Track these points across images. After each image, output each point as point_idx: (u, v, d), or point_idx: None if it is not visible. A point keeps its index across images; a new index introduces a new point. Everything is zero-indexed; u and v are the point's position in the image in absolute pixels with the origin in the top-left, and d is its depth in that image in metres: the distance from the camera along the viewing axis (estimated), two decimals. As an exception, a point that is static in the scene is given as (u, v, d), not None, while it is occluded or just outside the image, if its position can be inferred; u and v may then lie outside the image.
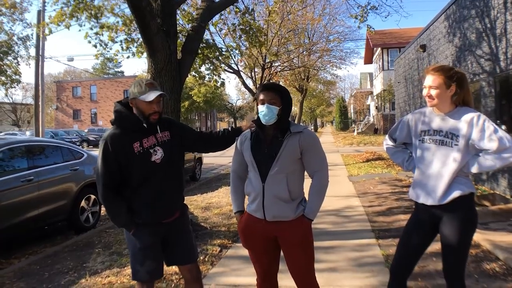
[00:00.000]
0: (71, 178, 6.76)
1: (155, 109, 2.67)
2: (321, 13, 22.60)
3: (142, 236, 2.71)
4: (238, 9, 9.43)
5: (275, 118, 2.56)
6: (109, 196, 2.69)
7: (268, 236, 2.63)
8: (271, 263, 2.76)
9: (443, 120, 2.64)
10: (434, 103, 2.64)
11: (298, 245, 2.59)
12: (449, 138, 2.59)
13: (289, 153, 2.53)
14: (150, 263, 2.71)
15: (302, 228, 2.58)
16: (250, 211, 2.68)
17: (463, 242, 2.61)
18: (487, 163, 2.50)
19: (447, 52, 11.24)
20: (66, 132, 37.64)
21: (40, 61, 17.86)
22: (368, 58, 42.28)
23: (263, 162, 2.57)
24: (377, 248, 5.06)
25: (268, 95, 2.56)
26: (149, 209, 2.69)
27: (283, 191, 2.53)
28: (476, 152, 2.57)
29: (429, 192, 2.64)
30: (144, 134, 2.70)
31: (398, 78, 19.03)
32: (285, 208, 2.55)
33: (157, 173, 2.71)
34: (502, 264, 4.34)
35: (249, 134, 2.72)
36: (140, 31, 5.45)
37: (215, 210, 7.68)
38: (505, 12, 7.64)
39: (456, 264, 2.65)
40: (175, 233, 2.84)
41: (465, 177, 2.62)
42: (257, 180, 2.59)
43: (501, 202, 6.96)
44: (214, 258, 4.90)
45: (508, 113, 8.30)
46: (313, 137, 2.65)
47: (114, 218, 2.75)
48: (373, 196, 8.55)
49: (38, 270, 4.83)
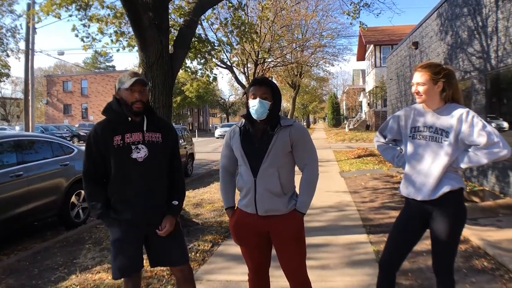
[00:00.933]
0: (61, 173, 6.70)
1: (137, 97, 2.59)
2: (314, 9, 22.64)
3: (116, 231, 2.65)
4: (230, 3, 9.40)
5: (267, 113, 2.55)
6: (89, 184, 2.68)
7: (260, 231, 2.62)
8: (262, 259, 2.75)
9: (433, 116, 2.67)
10: (423, 99, 2.67)
11: (290, 240, 2.58)
12: (439, 134, 2.62)
13: (280, 146, 2.52)
14: (121, 258, 2.63)
15: (295, 222, 2.57)
16: (241, 206, 2.66)
17: (453, 237, 2.66)
18: (476, 158, 2.53)
19: (439, 49, 11.30)
20: (57, 127, 37.35)
21: (30, 55, 17.62)
22: (361, 55, 42.44)
23: (254, 157, 2.55)
24: (369, 243, 5.09)
25: (260, 90, 2.55)
26: (128, 208, 2.62)
27: (275, 185, 2.52)
28: (465, 147, 2.60)
29: (419, 188, 2.67)
30: (129, 129, 2.63)
31: (390, 75, 19.10)
32: (277, 202, 2.54)
33: (138, 171, 2.62)
34: (490, 259, 4.39)
35: (238, 129, 2.69)
36: (131, 24, 5.41)
37: (207, 206, 7.67)
38: (497, 11, 7.70)
39: (446, 258, 2.69)
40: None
41: (454, 173, 2.65)
42: (248, 174, 2.57)
43: (490, 198, 7.03)
44: (205, 254, 4.89)
45: (498, 110, 8.38)
46: (303, 130, 2.65)
47: (92, 207, 2.70)
48: (365, 192, 8.59)
49: (28, 266, 4.78)
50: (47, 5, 7.27)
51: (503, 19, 7.46)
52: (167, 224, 2.69)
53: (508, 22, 7.28)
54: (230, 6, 9.38)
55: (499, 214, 6.16)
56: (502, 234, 5.16)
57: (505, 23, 7.37)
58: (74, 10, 7.51)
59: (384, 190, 8.62)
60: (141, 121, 2.68)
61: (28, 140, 6.57)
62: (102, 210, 2.64)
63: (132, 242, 2.67)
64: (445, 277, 2.71)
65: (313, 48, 24.26)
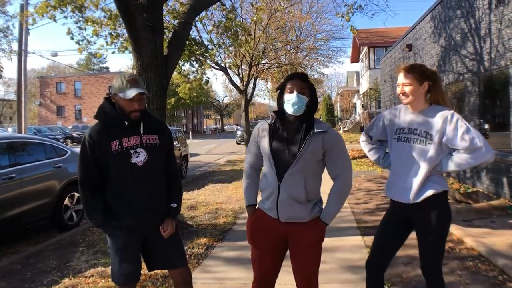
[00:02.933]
0: (54, 175, 6.64)
1: (136, 107, 2.52)
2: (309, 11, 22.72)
3: (119, 238, 2.59)
4: (224, 6, 9.40)
5: (304, 109, 2.40)
6: (86, 193, 2.62)
7: (278, 236, 2.51)
8: (272, 266, 2.61)
9: (418, 118, 2.66)
10: (409, 100, 2.66)
11: (309, 248, 2.48)
12: (423, 136, 2.62)
13: (310, 153, 2.37)
14: (126, 265, 2.59)
15: (317, 231, 2.48)
16: (263, 208, 2.54)
17: (439, 239, 2.66)
18: (458, 162, 2.54)
19: (432, 51, 11.36)
20: (50, 128, 37.19)
21: (23, 56, 17.49)
22: (355, 57, 42.56)
23: (281, 160, 2.40)
24: (363, 245, 5.09)
25: (298, 84, 2.40)
26: (128, 212, 2.56)
27: (299, 192, 2.39)
28: (449, 151, 2.60)
29: (403, 190, 2.67)
30: (126, 133, 2.56)
31: (384, 76, 19.16)
32: (301, 210, 2.42)
33: (138, 175, 2.56)
34: (484, 261, 4.41)
35: (268, 126, 2.50)
36: (125, 26, 5.40)
37: (201, 208, 7.65)
38: (490, 13, 7.75)
39: (433, 260, 2.69)
40: (162, 237, 2.68)
41: (438, 176, 2.65)
42: (272, 177, 2.43)
43: (484, 200, 7.07)
44: (200, 257, 4.87)
45: (491, 112, 8.43)
46: (337, 138, 2.47)
47: (90, 217, 2.64)
48: (359, 193, 8.62)
49: (20, 269, 4.74)
50: (42, 7, 7.24)
51: (496, 22, 7.51)
52: (169, 226, 2.67)
53: (501, 24, 7.33)
54: (223, 9, 9.38)
55: (493, 215, 6.19)
56: (496, 235, 5.19)
57: (498, 25, 7.42)
58: (69, 12, 7.48)
59: (378, 191, 8.64)
60: (137, 124, 2.60)
61: (20, 142, 6.50)
62: (102, 219, 2.58)
63: (134, 248, 2.64)
64: (433, 279, 2.71)
65: (307, 50, 24.36)
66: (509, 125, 7.20)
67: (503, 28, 7.25)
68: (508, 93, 7.14)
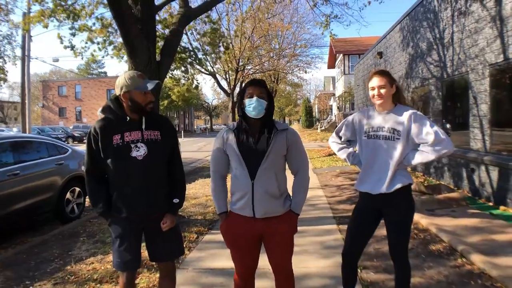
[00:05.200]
0: (56, 172, 6.54)
1: (151, 98, 2.53)
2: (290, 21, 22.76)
3: (118, 227, 2.55)
4: (209, 18, 9.33)
5: (264, 112, 2.41)
6: (91, 183, 2.58)
7: (253, 233, 2.46)
8: (252, 262, 2.58)
9: (386, 117, 2.71)
10: (383, 101, 2.70)
11: (284, 240, 2.48)
12: (391, 133, 2.66)
13: (277, 149, 2.40)
14: (125, 254, 2.53)
15: (290, 222, 2.48)
16: (235, 209, 2.48)
17: (405, 226, 2.72)
18: (424, 155, 2.59)
19: (401, 59, 11.49)
20: (52, 128, 36.61)
21: (26, 61, 17.30)
22: (331, 63, 42.82)
23: (251, 159, 2.38)
24: (338, 233, 5.14)
25: (257, 90, 2.41)
26: (127, 205, 2.50)
27: (273, 187, 2.39)
28: (414, 146, 2.65)
29: (375, 183, 2.71)
30: (128, 128, 2.50)
31: (358, 81, 19.31)
32: (276, 204, 2.42)
33: (138, 169, 2.48)
34: (446, 246, 4.50)
35: (232, 132, 2.47)
36: (121, 34, 5.34)
37: (192, 200, 7.62)
38: (452, 24, 7.87)
39: (400, 245, 2.74)
40: (155, 230, 2.61)
41: (405, 170, 2.72)
42: (245, 177, 2.38)
43: (445, 191, 7.19)
44: (191, 244, 4.86)
45: (453, 113, 8.57)
46: (296, 135, 2.54)
47: (94, 206, 2.59)
48: (335, 187, 8.67)
49: (25, 259, 4.66)
50: (37, 16, 7.14)
51: (458, 32, 7.63)
52: (168, 220, 2.60)
53: (462, 34, 7.45)
54: (209, 20, 9.31)
55: (453, 205, 6.30)
56: (456, 223, 5.29)
57: (460, 35, 7.54)
58: (64, 19, 7.37)
59: (351, 185, 8.69)
60: (139, 120, 2.56)
61: (24, 141, 6.39)
62: (104, 209, 2.54)
63: (132, 238, 2.58)
64: (401, 262, 2.76)
65: (289, 57, 24.41)
66: (468, 125, 7.33)
67: (464, 38, 7.37)
68: (468, 96, 7.27)
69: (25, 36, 16.67)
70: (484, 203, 6.50)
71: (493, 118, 6.56)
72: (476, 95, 6.95)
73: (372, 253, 4.33)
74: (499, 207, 6.05)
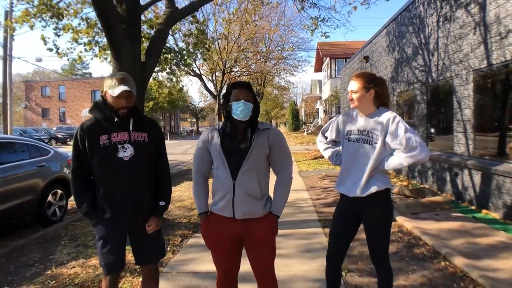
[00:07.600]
0: (37, 174, 6.43)
1: (123, 104, 2.45)
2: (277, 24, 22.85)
3: (102, 228, 2.52)
4: (195, 19, 9.31)
5: (250, 115, 2.41)
6: (76, 183, 2.55)
7: (234, 235, 2.44)
8: (233, 264, 2.56)
9: (366, 120, 2.72)
10: (355, 105, 2.74)
11: (264, 242, 2.45)
12: (369, 137, 2.67)
13: (259, 149, 2.38)
14: (107, 255, 2.52)
15: (270, 224, 2.45)
16: (216, 209, 2.46)
17: (383, 231, 2.72)
18: (398, 161, 2.59)
19: (387, 63, 11.62)
20: (35, 130, 35.92)
21: (8, 61, 17.08)
22: (318, 67, 43.15)
23: (233, 159, 2.37)
24: (323, 235, 5.15)
25: (244, 93, 2.41)
26: (112, 205, 2.48)
27: (254, 188, 2.37)
28: (391, 150, 2.65)
29: (351, 186, 2.72)
30: (115, 129, 2.48)
31: (344, 85, 19.46)
32: (256, 205, 2.39)
33: (123, 170, 2.46)
34: (429, 249, 4.54)
35: (217, 131, 2.47)
36: (105, 34, 5.28)
37: (177, 203, 7.56)
38: (438, 30, 7.99)
39: (379, 250, 2.74)
40: (140, 232, 2.59)
41: (382, 174, 2.70)
42: (226, 177, 2.37)
43: (430, 195, 7.28)
44: (175, 248, 4.82)
45: (437, 117, 8.70)
46: (279, 134, 2.53)
47: (78, 206, 2.55)
48: (320, 189, 8.71)
49: (4, 263, 4.56)
50: (22, 16, 7.02)
51: (443, 38, 7.75)
52: (153, 223, 2.58)
53: (447, 40, 7.56)
54: (195, 21, 9.29)
55: (437, 209, 6.38)
56: (440, 226, 5.35)
57: (445, 41, 7.66)
58: (49, 19, 7.26)
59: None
60: (127, 121, 2.53)
61: (5, 142, 6.27)
62: (88, 209, 2.51)
63: (116, 239, 2.55)
64: (382, 266, 2.77)
65: (276, 60, 24.50)
66: (452, 130, 7.44)
67: (449, 44, 7.48)
68: (452, 101, 7.38)
69: (7, 35, 16.42)
70: (467, 207, 6.60)
71: (476, 123, 6.68)
72: (460, 100, 7.07)
73: (357, 256, 4.35)
74: (482, 211, 6.15)
